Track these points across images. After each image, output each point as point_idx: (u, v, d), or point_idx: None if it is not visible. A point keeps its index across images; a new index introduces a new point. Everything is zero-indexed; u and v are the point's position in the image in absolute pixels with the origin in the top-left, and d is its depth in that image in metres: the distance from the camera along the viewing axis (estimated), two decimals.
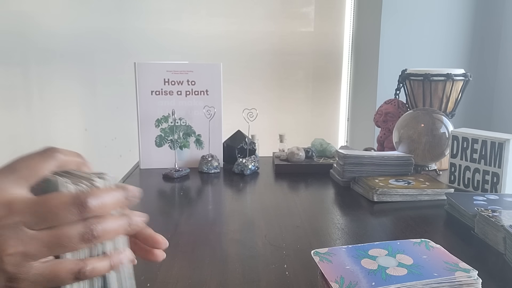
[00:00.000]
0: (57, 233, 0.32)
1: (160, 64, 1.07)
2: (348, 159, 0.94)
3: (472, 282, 0.42)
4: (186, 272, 0.55)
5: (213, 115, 1.08)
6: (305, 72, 2.06)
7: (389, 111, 1.15)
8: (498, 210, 0.67)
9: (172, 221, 0.75)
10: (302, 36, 2.02)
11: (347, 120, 2.08)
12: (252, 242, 0.64)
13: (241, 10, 1.97)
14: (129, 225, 0.36)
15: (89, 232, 0.32)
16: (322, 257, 0.47)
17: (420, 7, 1.65)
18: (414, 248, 0.48)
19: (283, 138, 1.18)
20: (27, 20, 1.90)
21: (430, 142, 0.99)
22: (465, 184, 0.90)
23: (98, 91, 1.97)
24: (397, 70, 1.20)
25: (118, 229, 0.35)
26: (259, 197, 0.89)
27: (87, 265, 0.33)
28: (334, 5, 2.01)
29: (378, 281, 0.41)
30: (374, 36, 1.70)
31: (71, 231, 0.32)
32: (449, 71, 1.08)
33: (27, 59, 1.93)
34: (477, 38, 1.69)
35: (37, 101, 1.94)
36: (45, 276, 0.32)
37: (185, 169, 1.04)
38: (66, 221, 0.32)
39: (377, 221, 0.76)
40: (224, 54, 1.96)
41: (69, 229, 0.32)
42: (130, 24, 1.93)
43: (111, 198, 0.34)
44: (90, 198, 0.32)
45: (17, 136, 1.91)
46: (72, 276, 0.33)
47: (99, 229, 0.33)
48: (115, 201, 0.34)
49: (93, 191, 0.33)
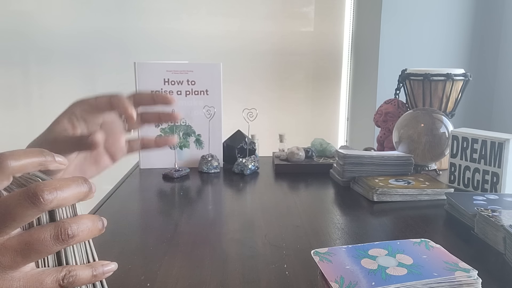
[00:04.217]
0: (26, 238, 0.31)
1: (160, 64, 1.07)
2: (348, 159, 0.94)
3: (472, 282, 0.42)
4: (186, 272, 0.55)
5: (213, 115, 1.08)
6: (305, 72, 2.06)
7: (389, 111, 1.15)
8: (498, 210, 0.67)
9: (172, 221, 0.75)
10: (302, 36, 2.02)
11: (347, 120, 2.08)
12: (252, 242, 0.65)
13: (241, 10, 1.97)
14: (102, 225, 0.34)
15: (63, 232, 0.31)
16: (322, 257, 0.47)
17: (420, 7, 1.65)
18: (414, 248, 0.48)
19: (283, 138, 1.18)
20: (27, 20, 1.90)
21: (430, 142, 0.99)
22: (465, 184, 0.90)
23: (98, 91, 1.96)
24: (397, 70, 1.20)
25: (92, 228, 0.33)
26: (259, 197, 0.89)
27: (71, 272, 0.32)
28: (334, 5, 2.01)
29: (378, 281, 0.41)
30: (374, 36, 1.70)
31: (42, 234, 0.31)
32: (449, 71, 1.08)
33: (27, 59, 1.93)
34: (477, 38, 1.69)
35: (37, 101, 1.94)
36: (29, 287, 0.31)
37: (185, 169, 1.04)
38: (25, 218, 0.30)
39: (377, 221, 0.76)
40: (224, 54, 1.96)
41: (40, 232, 0.31)
42: (130, 23, 1.93)
43: (64, 185, 0.31)
44: (41, 187, 0.30)
45: (17, 135, 1.91)
46: (57, 285, 0.32)
47: (74, 227, 0.31)
48: (70, 188, 0.32)
49: (44, 182, 0.31)
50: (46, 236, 0.31)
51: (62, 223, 0.32)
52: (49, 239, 0.31)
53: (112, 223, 0.71)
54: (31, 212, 0.30)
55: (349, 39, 2.01)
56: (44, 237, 0.31)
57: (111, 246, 0.63)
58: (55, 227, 0.31)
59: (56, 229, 0.31)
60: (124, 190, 0.93)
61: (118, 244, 0.64)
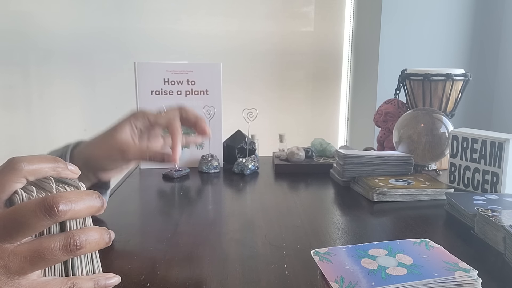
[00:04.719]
0: (36, 246, 0.31)
1: (160, 64, 1.07)
2: (348, 159, 0.94)
3: (472, 282, 0.42)
4: (186, 272, 0.55)
5: (213, 115, 1.08)
6: (305, 72, 2.06)
7: (389, 111, 1.15)
8: (498, 210, 0.67)
9: (172, 221, 0.75)
10: (302, 36, 2.02)
11: (347, 120, 2.08)
12: (252, 242, 0.64)
13: (241, 10, 1.97)
14: (109, 238, 0.35)
15: (72, 243, 0.32)
16: (322, 257, 0.47)
17: (420, 7, 1.65)
18: (414, 248, 0.48)
19: (283, 138, 1.18)
20: (27, 20, 1.90)
21: (430, 142, 0.99)
22: (465, 184, 0.90)
23: (97, 91, 1.97)
24: (397, 70, 1.20)
25: (99, 241, 0.34)
26: (259, 197, 0.89)
27: (75, 285, 0.33)
28: (334, 5, 2.01)
29: (378, 281, 0.41)
30: (374, 36, 1.70)
31: (51, 243, 0.31)
32: (449, 71, 1.08)
33: (27, 59, 1.93)
34: (477, 38, 1.69)
35: (37, 101, 1.94)
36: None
37: (185, 169, 1.04)
38: (39, 228, 0.31)
39: (377, 221, 0.76)
40: (224, 54, 1.96)
41: (50, 241, 0.31)
42: (130, 24, 1.93)
43: (79, 199, 0.32)
44: (57, 199, 0.31)
45: (17, 136, 1.91)
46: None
47: (82, 239, 0.32)
48: (84, 202, 0.33)
49: (60, 194, 0.32)
50: (55, 245, 0.31)
51: (71, 234, 0.32)
52: (58, 248, 0.31)
53: (112, 223, 0.71)
54: (45, 222, 0.31)
55: (349, 39, 2.01)
56: (53, 246, 0.31)
57: (111, 246, 0.63)
58: (64, 237, 0.32)
59: (66, 239, 0.32)
60: (124, 190, 0.93)
61: (118, 244, 0.64)
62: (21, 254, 0.31)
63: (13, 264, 0.31)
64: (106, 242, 0.35)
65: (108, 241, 0.35)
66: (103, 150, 0.61)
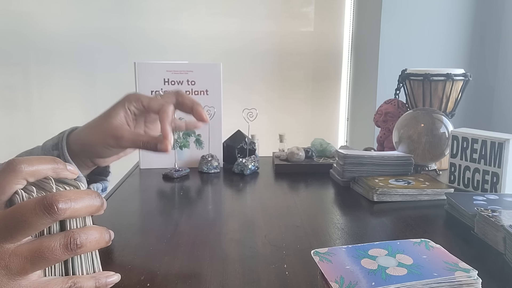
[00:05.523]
0: (37, 246, 0.31)
1: (160, 64, 1.07)
2: (348, 159, 0.94)
3: (472, 282, 0.42)
4: (186, 272, 0.55)
5: (213, 115, 1.08)
6: (305, 72, 2.06)
7: (389, 111, 1.15)
8: (498, 210, 0.66)
9: (172, 221, 0.75)
10: (302, 36, 2.02)
11: (346, 120, 2.08)
12: (252, 242, 0.64)
13: (241, 10, 1.97)
14: (109, 237, 0.35)
15: (72, 242, 0.32)
16: (322, 257, 0.47)
17: (420, 7, 1.65)
18: (414, 248, 0.48)
19: (283, 138, 1.18)
20: (27, 20, 1.90)
21: (430, 142, 0.99)
22: (465, 184, 0.90)
23: (98, 91, 1.97)
24: (397, 70, 1.20)
25: (99, 240, 0.34)
26: (259, 197, 0.89)
27: (76, 284, 0.33)
28: (334, 5, 2.01)
29: (378, 281, 0.41)
30: (374, 36, 1.70)
31: (52, 243, 0.31)
32: (449, 71, 1.08)
33: (27, 59, 1.93)
34: (477, 38, 1.69)
35: (37, 101, 1.94)
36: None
37: (185, 169, 1.04)
38: (39, 226, 0.31)
39: (377, 221, 0.76)
40: (224, 54, 1.96)
41: (50, 241, 0.31)
42: (130, 24, 1.93)
43: (78, 198, 0.33)
44: (56, 197, 0.31)
45: (17, 136, 1.91)
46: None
47: (82, 238, 0.32)
48: (83, 200, 0.33)
49: (59, 192, 0.32)
50: (56, 244, 0.32)
51: (71, 233, 0.32)
52: (58, 247, 0.32)
53: (112, 223, 0.71)
54: (45, 221, 0.31)
55: (349, 39, 2.01)
56: (54, 246, 0.32)
57: (111, 246, 0.63)
58: (65, 236, 0.32)
59: (66, 239, 0.32)
60: (124, 190, 0.93)
61: (118, 244, 0.63)
62: (21, 254, 0.31)
63: (14, 265, 0.31)
64: (106, 241, 0.35)
65: (108, 240, 0.35)
66: (97, 136, 0.58)
